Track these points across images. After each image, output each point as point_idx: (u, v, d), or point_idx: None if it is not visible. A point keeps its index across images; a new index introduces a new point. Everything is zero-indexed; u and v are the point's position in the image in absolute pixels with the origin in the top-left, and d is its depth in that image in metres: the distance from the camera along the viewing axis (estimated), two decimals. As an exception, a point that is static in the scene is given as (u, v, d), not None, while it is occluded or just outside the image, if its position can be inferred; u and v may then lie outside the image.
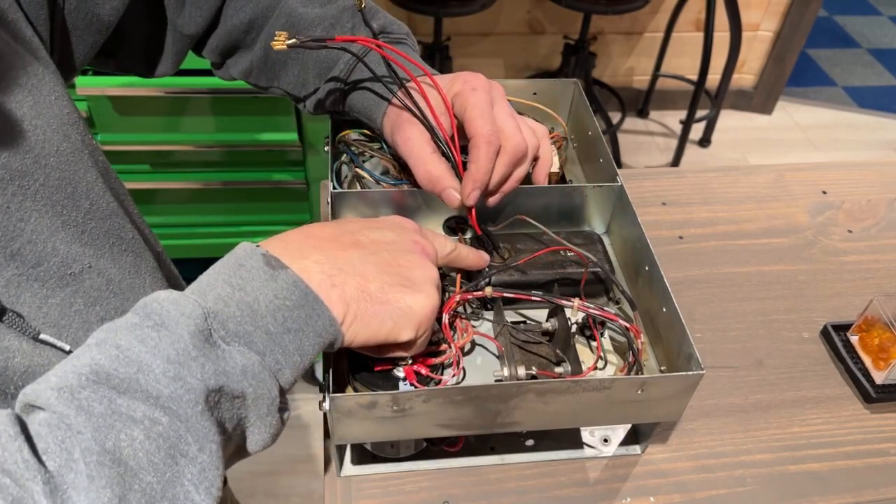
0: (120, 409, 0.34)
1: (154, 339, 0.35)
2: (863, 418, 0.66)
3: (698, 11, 2.39)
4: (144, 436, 0.33)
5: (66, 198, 0.44)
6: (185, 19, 0.61)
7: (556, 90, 0.77)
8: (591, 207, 0.69)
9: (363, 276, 0.44)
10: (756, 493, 0.60)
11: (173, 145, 1.44)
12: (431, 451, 0.60)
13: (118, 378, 0.34)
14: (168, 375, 0.35)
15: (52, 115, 0.44)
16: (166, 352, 0.35)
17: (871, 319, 0.70)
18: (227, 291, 0.39)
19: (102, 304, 0.46)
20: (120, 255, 0.49)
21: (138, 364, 0.35)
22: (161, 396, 0.34)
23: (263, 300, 0.39)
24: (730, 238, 0.82)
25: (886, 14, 3.44)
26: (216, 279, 0.40)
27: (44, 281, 0.42)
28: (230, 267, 0.41)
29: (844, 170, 0.92)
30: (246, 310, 0.39)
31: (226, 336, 0.38)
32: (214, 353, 0.37)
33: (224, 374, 0.36)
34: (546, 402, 0.51)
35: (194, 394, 0.35)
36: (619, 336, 0.59)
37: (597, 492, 0.59)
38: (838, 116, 2.79)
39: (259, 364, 0.38)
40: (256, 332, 0.39)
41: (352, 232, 0.47)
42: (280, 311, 0.40)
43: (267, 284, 0.40)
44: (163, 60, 0.64)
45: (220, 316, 0.38)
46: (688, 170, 0.91)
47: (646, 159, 2.50)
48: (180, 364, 0.35)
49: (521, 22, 2.37)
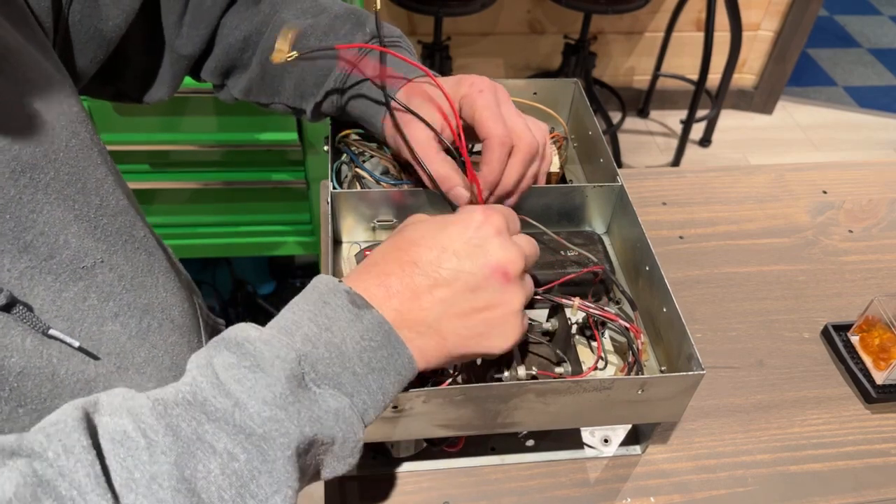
0: (205, 435, 0.34)
1: (251, 380, 0.35)
2: (863, 418, 0.66)
3: (699, 11, 2.39)
4: (220, 470, 0.34)
5: (78, 192, 0.44)
6: (183, 40, 0.61)
7: (556, 90, 0.77)
8: (592, 207, 0.69)
9: (440, 336, 0.43)
10: (756, 493, 0.60)
11: (173, 145, 1.44)
12: (431, 451, 0.60)
13: (213, 406, 0.35)
14: (263, 416, 0.35)
15: (62, 111, 0.45)
16: (262, 394, 0.35)
17: (871, 319, 0.70)
18: (313, 331, 0.39)
19: (116, 300, 0.46)
20: (133, 253, 0.49)
21: (236, 399, 0.35)
22: (254, 434, 0.34)
23: (350, 341, 0.39)
24: (730, 238, 0.82)
25: (887, 14, 3.44)
26: (301, 317, 0.39)
27: (57, 274, 0.42)
28: (314, 304, 0.40)
29: (845, 170, 0.92)
30: (334, 351, 0.39)
31: (316, 379, 0.38)
32: (308, 398, 0.37)
33: (319, 421, 0.37)
34: (546, 402, 0.51)
35: (288, 438, 0.35)
36: (620, 336, 0.59)
37: (597, 492, 0.59)
38: (839, 116, 2.79)
39: (349, 407, 0.38)
40: (345, 374, 0.39)
41: (427, 269, 0.44)
42: (366, 353, 0.40)
43: (353, 325, 0.40)
44: (157, 85, 0.63)
45: (310, 358, 0.38)
46: (688, 170, 0.91)
47: (646, 159, 2.50)
48: (277, 407, 0.35)
49: (522, 21, 2.37)
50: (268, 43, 0.62)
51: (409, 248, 0.44)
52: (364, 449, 0.59)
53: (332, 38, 0.61)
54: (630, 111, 2.62)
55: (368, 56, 0.60)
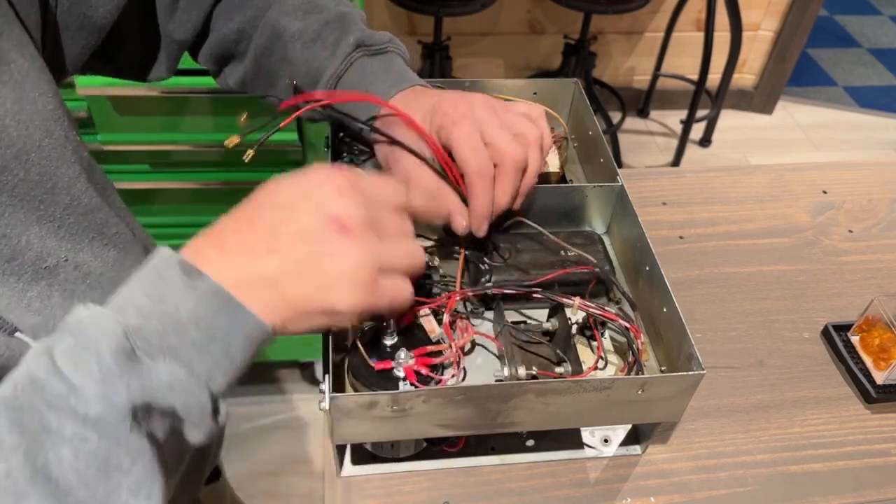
0: (50, 424, 0.34)
1: (84, 360, 0.36)
2: (863, 418, 0.66)
3: (699, 11, 2.39)
4: (73, 455, 0.34)
5: (45, 193, 0.45)
6: (176, 24, 0.61)
7: (556, 90, 0.77)
8: (592, 207, 0.69)
9: (281, 290, 0.42)
10: (756, 493, 0.60)
11: (173, 145, 1.44)
12: (431, 451, 0.60)
13: (51, 392, 0.35)
14: (96, 396, 0.35)
15: (35, 110, 0.45)
16: (94, 373, 0.35)
17: (871, 319, 0.70)
18: (146, 305, 0.38)
19: (80, 297, 0.46)
20: (101, 250, 0.49)
21: (69, 384, 0.35)
22: (89, 416, 0.35)
23: (184, 311, 0.39)
24: (730, 238, 0.82)
25: (887, 14, 3.44)
26: (135, 292, 0.39)
27: (19, 275, 0.43)
28: (149, 279, 0.40)
29: (845, 170, 0.92)
30: (168, 322, 0.38)
31: (150, 351, 0.37)
32: (139, 370, 0.37)
33: (150, 390, 0.37)
34: (546, 402, 0.51)
35: (121, 412, 0.35)
36: (620, 336, 0.59)
37: (597, 492, 0.59)
38: (839, 116, 2.79)
39: (186, 376, 0.38)
40: (182, 345, 0.39)
41: (262, 223, 0.43)
42: (202, 321, 0.39)
43: (186, 294, 0.39)
44: (156, 66, 0.64)
45: (143, 331, 0.38)
46: (688, 170, 0.91)
47: (646, 159, 2.50)
48: (105, 384, 0.35)
49: (522, 21, 2.37)
50: (260, 40, 0.62)
51: (247, 206, 0.44)
52: (364, 449, 0.59)
53: (319, 45, 0.61)
54: (630, 111, 2.62)
55: (351, 70, 0.60)
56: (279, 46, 0.62)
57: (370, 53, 0.61)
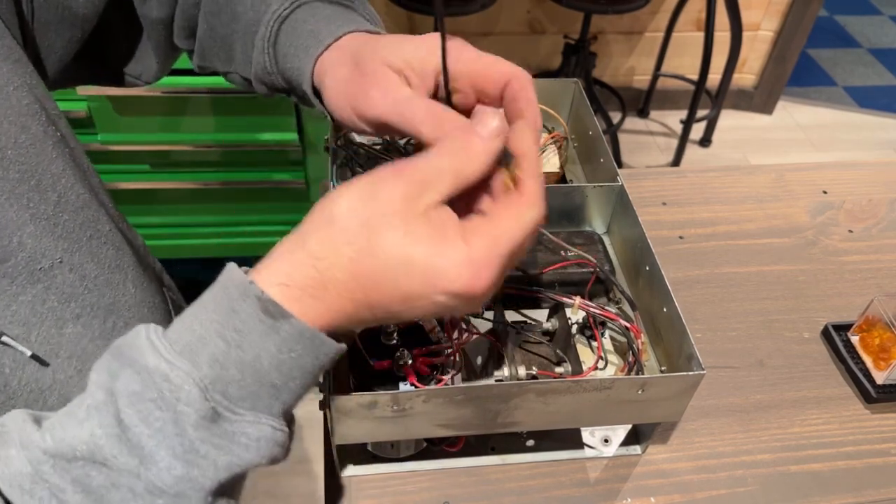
0: (119, 481, 0.32)
1: (158, 420, 0.32)
2: (863, 418, 0.66)
3: (699, 11, 2.38)
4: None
5: (31, 190, 0.42)
6: (152, 3, 0.57)
7: (556, 90, 0.77)
8: (592, 207, 0.69)
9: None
10: (756, 493, 0.60)
11: (173, 145, 1.44)
12: (432, 451, 0.60)
13: (117, 465, 0.32)
14: (174, 474, 0.32)
15: (9, 105, 0.42)
16: (171, 444, 0.32)
17: (871, 319, 0.70)
18: (221, 349, 0.34)
19: (77, 301, 0.44)
20: (98, 248, 0.47)
21: (141, 455, 0.32)
22: (166, 493, 0.32)
23: (266, 356, 0.34)
24: (730, 238, 0.82)
25: (887, 14, 3.44)
26: (208, 330, 0.34)
27: (12, 277, 0.40)
28: (223, 313, 0.34)
29: (845, 170, 0.92)
30: (247, 370, 0.34)
31: (230, 406, 0.34)
32: (225, 437, 0.33)
33: (237, 461, 0.34)
34: (546, 402, 0.51)
35: (204, 492, 0.33)
36: (620, 336, 0.59)
37: (597, 492, 0.59)
38: (839, 116, 2.78)
39: (271, 428, 0.35)
40: (262, 390, 0.35)
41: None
42: (285, 364, 0.35)
43: (267, 338, 0.34)
44: (146, 59, 0.60)
45: (220, 383, 0.33)
46: (688, 170, 0.91)
47: (646, 159, 2.50)
48: (188, 463, 0.32)
49: (522, 22, 2.37)
50: None
51: (367, 285, 0.35)
52: (364, 449, 0.59)
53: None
54: (630, 111, 2.62)
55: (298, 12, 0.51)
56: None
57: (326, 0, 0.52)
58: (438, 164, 0.36)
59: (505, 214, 0.37)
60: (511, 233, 0.36)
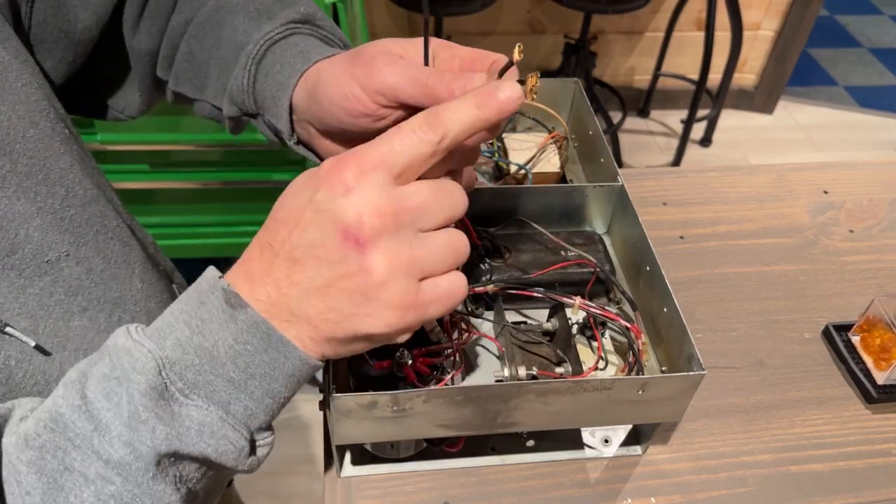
0: (73, 464, 0.33)
1: (117, 394, 0.34)
2: (864, 419, 0.65)
3: (699, 11, 2.39)
4: (95, 497, 0.33)
5: (39, 184, 0.43)
6: (141, 35, 0.57)
7: (556, 90, 0.77)
8: (592, 207, 0.69)
9: (309, 321, 0.37)
10: (757, 493, 0.60)
11: (172, 145, 1.44)
12: (431, 451, 0.60)
13: (74, 431, 0.33)
14: (122, 439, 0.33)
15: (18, 101, 0.43)
16: (124, 412, 0.34)
17: (872, 319, 0.70)
18: (185, 335, 0.35)
19: (84, 294, 0.44)
20: (105, 243, 0.47)
21: (97, 422, 0.34)
22: (111, 460, 0.33)
23: (223, 345, 0.35)
24: (731, 238, 0.82)
25: (888, 13, 3.44)
26: (177, 318, 0.36)
27: (20, 270, 0.41)
28: (192, 304, 0.36)
29: (845, 169, 0.92)
30: (205, 357, 0.35)
31: (184, 388, 0.35)
32: (169, 413, 0.34)
33: (178, 438, 0.34)
34: (547, 402, 0.51)
35: (144, 461, 0.34)
36: (620, 336, 0.59)
37: (597, 492, 0.59)
38: (839, 116, 2.79)
39: (219, 419, 0.35)
40: (217, 381, 0.36)
41: (280, 248, 0.37)
42: (241, 357, 0.36)
43: (225, 327, 0.36)
44: (131, 91, 0.60)
45: (178, 365, 0.35)
46: (689, 169, 0.91)
47: (647, 159, 2.50)
48: (131, 429, 0.33)
49: (522, 21, 2.37)
50: (203, 15, 0.55)
51: (269, 225, 0.38)
52: (364, 449, 0.59)
53: (265, 18, 0.53)
54: (630, 111, 2.62)
55: (290, 40, 0.52)
56: (215, 22, 0.54)
57: (319, 37, 0.53)
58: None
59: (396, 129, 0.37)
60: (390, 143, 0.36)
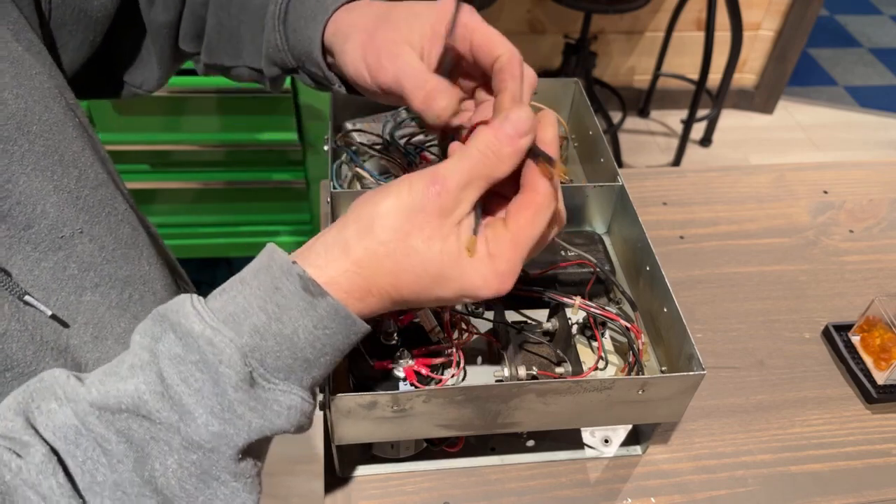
0: (159, 434, 0.35)
1: (198, 381, 0.35)
2: (864, 419, 0.65)
3: (699, 11, 2.38)
4: (178, 465, 0.35)
5: (55, 164, 0.44)
6: (158, 8, 0.59)
7: (556, 89, 0.77)
8: (592, 207, 0.69)
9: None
10: (757, 493, 0.60)
11: (174, 145, 1.44)
12: (431, 451, 0.60)
13: (159, 418, 0.35)
14: (210, 430, 0.35)
15: (34, 86, 0.45)
16: (210, 403, 0.35)
17: (872, 320, 0.70)
18: (262, 321, 0.36)
19: (96, 270, 0.46)
20: (116, 225, 0.49)
21: (181, 411, 0.35)
22: (202, 447, 0.35)
23: (303, 332, 0.37)
24: (731, 238, 0.82)
25: (888, 13, 3.43)
26: (251, 303, 0.37)
27: (35, 244, 0.43)
28: (265, 289, 0.37)
29: (846, 169, 0.92)
30: (284, 343, 0.37)
31: (265, 374, 0.36)
32: (260, 402, 0.36)
33: (269, 426, 0.37)
34: (547, 402, 0.51)
35: (235, 449, 0.36)
36: (620, 336, 0.59)
37: (597, 492, 0.59)
38: (840, 116, 2.78)
39: (301, 399, 0.38)
40: (296, 364, 0.38)
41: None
42: (319, 341, 0.38)
43: (306, 314, 0.37)
44: (148, 66, 0.61)
45: (258, 352, 0.36)
46: (689, 169, 0.91)
47: (647, 159, 2.50)
48: (224, 421, 0.35)
49: (522, 21, 2.37)
50: None
51: (397, 283, 0.39)
52: (364, 449, 0.59)
53: None
54: (630, 111, 2.61)
55: None
56: None
57: None
58: (470, 170, 0.38)
59: (522, 217, 0.39)
60: (529, 236, 0.39)
